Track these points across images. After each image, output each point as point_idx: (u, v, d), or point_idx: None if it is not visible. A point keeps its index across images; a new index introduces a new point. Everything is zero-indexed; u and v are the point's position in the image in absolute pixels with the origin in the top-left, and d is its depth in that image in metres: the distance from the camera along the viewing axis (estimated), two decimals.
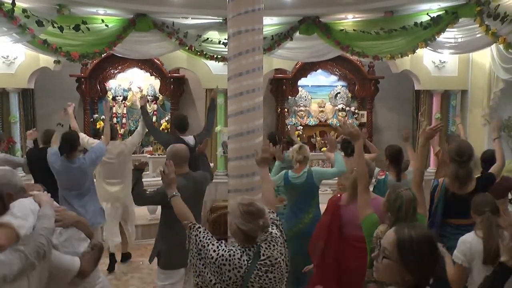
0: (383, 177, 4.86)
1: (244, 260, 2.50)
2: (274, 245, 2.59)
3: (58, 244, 2.54)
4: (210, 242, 2.59)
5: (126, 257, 6.52)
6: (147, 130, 6.19)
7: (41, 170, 5.72)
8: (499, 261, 2.64)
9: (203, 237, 2.63)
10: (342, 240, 3.81)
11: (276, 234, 2.67)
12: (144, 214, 7.32)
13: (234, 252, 2.52)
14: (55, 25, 6.61)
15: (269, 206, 2.96)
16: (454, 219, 3.90)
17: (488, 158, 4.93)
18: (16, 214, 2.28)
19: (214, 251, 2.54)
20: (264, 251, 2.55)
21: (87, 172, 4.95)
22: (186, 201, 3.85)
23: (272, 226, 2.73)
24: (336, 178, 5.59)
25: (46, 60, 7.37)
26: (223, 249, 2.54)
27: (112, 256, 6.12)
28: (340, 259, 3.79)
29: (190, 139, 5.60)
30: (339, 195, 4.08)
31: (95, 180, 5.41)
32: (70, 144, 4.78)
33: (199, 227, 2.71)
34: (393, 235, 1.78)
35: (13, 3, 6.03)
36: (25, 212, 2.33)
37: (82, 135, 5.88)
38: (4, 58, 7.33)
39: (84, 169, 4.87)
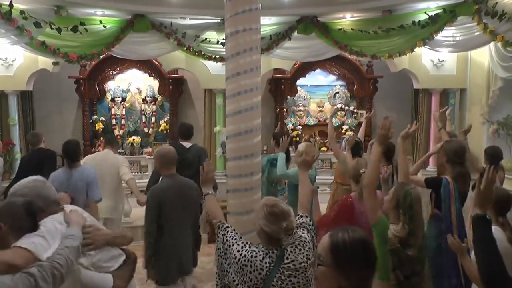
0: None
1: (266, 263, 2.46)
2: (300, 249, 2.55)
3: (90, 264, 2.47)
4: (235, 242, 2.58)
5: None
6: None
7: (31, 172, 5.71)
8: (476, 215, 2.40)
9: (230, 236, 2.62)
10: None
11: (305, 238, 2.63)
12: (143, 215, 7.30)
13: (256, 253, 2.50)
14: (53, 26, 6.61)
15: (303, 210, 2.94)
16: None
17: (492, 153, 5.06)
18: (44, 235, 2.20)
19: (238, 251, 2.53)
20: (289, 254, 2.51)
21: (83, 186, 4.61)
22: (170, 202, 3.90)
23: (303, 230, 2.69)
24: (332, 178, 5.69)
25: (44, 62, 7.37)
26: (247, 250, 2.52)
27: None
28: None
29: (187, 145, 5.62)
30: (350, 198, 3.95)
31: None
32: (70, 155, 4.66)
33: (228, 227, 2.70)
34: (327, 240, 1.72)
35: (11, 5, 6.02)
36: (53, 233, 2.23)
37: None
38: (3, 60, 7.33)
39: (86, 180, 4.62)
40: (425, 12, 6.93)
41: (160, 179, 4.30)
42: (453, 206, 3.91)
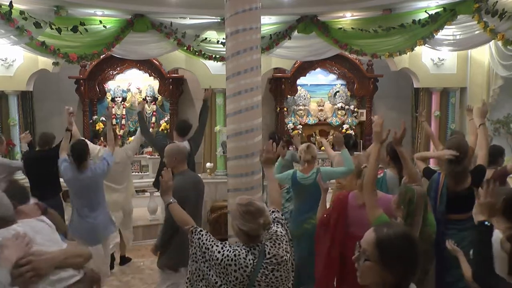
0: (381, 175, 4.85)
1: (249, 259, 2.50)
2: (279, 244, 2.59)
3: None
4: (214, 244, 2.59)
5: (125, 260, 6.49)
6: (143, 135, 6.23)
7: (37, 173, 5.71)
8: (479, 221, 2.63)
9: (206, 239, 2.62)
10: (348, 238, 3.75)
11: (281, 232, 2.67)
12: (144, 215, 7.33)
13: (239, 251, 2.52)
14: (53, 26, 6.59)
15: (274, 205, 2.96)
16: (454, 214, 3.98)
17: (493, 152, 5.01)
18: None
19: (219, 252, 2.53)
20: (270, 249, 2.55)
21: (98, 182, 4.89)
22: (189, 198, 3.95)
23: (277, 225, 2.73)
24: None
25: (44, 62, 7.37)
26: (228, 250, 2.54)
27: (111, 255, 6.06)
28: (345, 256, 3.73)
29: (185, 144, 5.64)
30: (346, 192, 4.00)
31: None
32: (80, 155, 4.69)
33: (201, 230, 2.71)
34: (372, 235, 1.74)
35: (11, 5, 6.01)
36: None
37: (90, 145, 5.79)
38: (3, 60, 7.32)
39: (95, 179, 4.81)
40: (425, 11, 6.92)
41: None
42: (441, 202, 3.94)
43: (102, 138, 8.27)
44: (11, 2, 6.01)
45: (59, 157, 5.02)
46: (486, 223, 2.60)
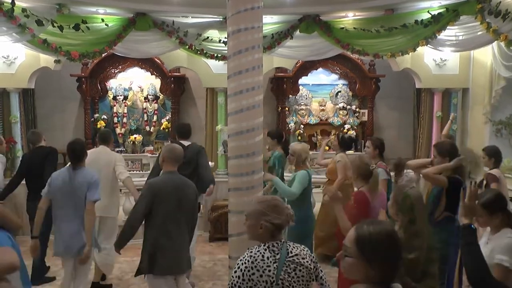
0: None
1: (267, 258, 2.47)
2: (299, 249, 2.58)
3: None
4: (232, 275, 2.50)
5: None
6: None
7: (31, 171, 5.72)
8: (461, 225, 2.69)
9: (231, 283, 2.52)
10: None
11: (304, 250, 2.66)
12: None
13: (255, 256, 2.47)
14: (55, 24, 6.61)
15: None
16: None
17: (490, 153, 5.15)
18: None
19: (236, 271, 2.47)
20: (292, 249, 2.55)
21: (84, 188, 4.36)
22: (165, 197, 3.85)
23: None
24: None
25: (46, 60, 7.37)
26: (243, 262, 2.47)
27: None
28: None
29: (185, 143, 5.61)
30: (362, 192, 3.96)
31: None
32: (75, 155, 4.46)
33: None
34: (353, 233, 1.81)
35: (13, 3, 6.03)
36: None
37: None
38: (5, 58, 7.33)
39: (89, 182, 4.36)
40: (428, 11, 6.91)
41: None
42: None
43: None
44: (13, 0, 6.01)
45: (52, 155, 4.96)
46: (472, 226, 2.64)
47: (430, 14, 6.88)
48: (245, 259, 2.48)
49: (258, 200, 2.68)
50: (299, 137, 8.96)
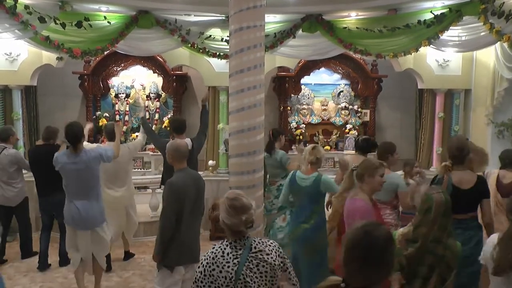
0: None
1: (228, 254, 2.50)
2: (267, 246, 2.58)
3: None
4: (196, 270, 2.58)
5: (128, 256, 6.50)
6: (148, 137, 6.32)
7: (40, 167, 5.75)
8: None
9: (194, 281, 2.58)
10: None
11: (275, 245, 2.65)
12: (146, 211, 7.32)
13: (215, 252, 2.53)
14: (57, 21, 6.61)
15: None
16: (456, 214, 3.84)
17: (508, 158, 5.10)
18: None
19: (199, 267, 2.54)
20: (256, 245, 2.55)
21: (93, 167, 4.80)
22: (188, 196, 3.96)
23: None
24: None
25: (48, 57, 7.37)
26: (205, 258, 2.54)
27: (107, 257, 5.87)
28: None
29: (187, 141, 5.61)
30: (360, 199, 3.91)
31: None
32: (74, 136, 4.72)
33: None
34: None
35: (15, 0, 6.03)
36: None
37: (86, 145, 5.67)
38: (7, 55, 7.34)
39: (89, 163, 4.74)
40: (431, 11, 6.88)
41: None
42: None
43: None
44: None
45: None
46: None
47: (433, 14, 6.85)
48: (207, 255, 2.55)
49: (226, 195, 2.66)
50: (301, 137, 8.95)
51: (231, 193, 2.65)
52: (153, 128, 8.88)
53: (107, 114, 8.77)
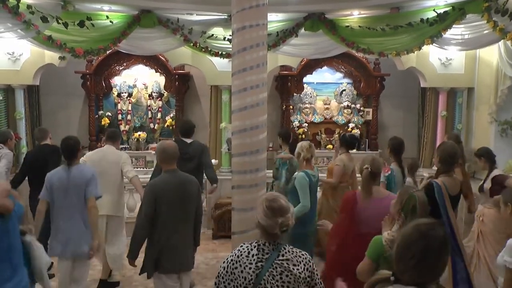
0: (389, 172, 4.85)
1: (252, 256, 2.46)
2: (297, 256, 2.51)
3: None
4: (222, 264, 2.55)
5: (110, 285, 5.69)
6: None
7: (34, 171, 5.70)
8: None
9: (218, 276, 2.56)
10: (360, 238, 3.59)
11: (306, 256, 2.58)
12: None
13: (241, 251, 2.50)
14: (59, 21, 6.62)
15: None
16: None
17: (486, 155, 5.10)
18: None
19: (224, 262, 2.52)
20: (286, 252, 2.49)
21: (88, 184, 4.32)
22: (167, 198, 3.83)
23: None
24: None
25: (51, 56, 7.39)
26: (231, 255, 2.52)
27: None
28: (359, 257, 3.65)
29: (187, 141, 5.61)
30: (353, 192, 3.97)
31: None
32: (70, 150, 4.41)
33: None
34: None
35: None
36: None
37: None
38: (10, 54, 7.36)
39: (85, 179, 4.31)
40: (434, 10, 6.86)
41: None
42: (450, 210, 3.85)
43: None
44: None
45: (55, 154, 4.99)
46: None
47: (436, 12, 6.83)
48: (234, 252, 2.53)
49: (265, 196, 2.63)
50: (303, 136, 8.94)
51: (270, 195, 2.60)
52: (155, 127, 8.91)
53: (109, 113, 8.78)
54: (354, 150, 6.47)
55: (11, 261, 2.99)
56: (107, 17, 7.00)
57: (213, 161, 7.97)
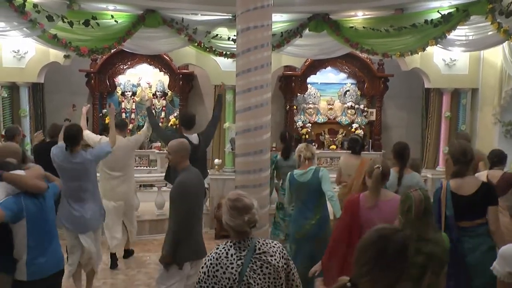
0: None
1: (231, 255, 2.48)
2: (271, 247, 2.55)
3: None
4: (200, 270, 2.57)
5: (128, 253, 6.46)
6: (152, 129, 6.21)
7: (46, 164, 5.75)
8: None
9: (198, 281, 2.56)
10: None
11: (278, 246, 2.61)
12: (151, 209, 7.35)
13: (219, 253, 2.50)
14: (65, 20, 6.65)
15: None
16: (460, 221, 3.75)
17: (496, 157, 5.02)
18: None
19: (202, 267, 2.52)
20: (260, 246, 2.53)
21: (89, 168, 4.75)
22: (196, 195, 3.98)
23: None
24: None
25: (56, 54, 7.42)
26: (209, 259, 2.52)
27: (113, 255, 6.05)
28: None
29: (194, 137, 5.64)
30: (357, 194, 3.92)
31: (98, 177, 5.25)
32: (72, 138, 4.62)
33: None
34: None
35: None
36: None
37: (89, 134, 5.83)
38: (15, 52, 7.39)
39: (86, 164, 4.68)
40: (438, 11, 6.85)
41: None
42: (446, 210, 3.75)
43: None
44: None
45: None
46: None
47: (440, 14, 6.82)
48: (211, 256, 2.53)
49: (228, 196, 2.63)
50: (307, 136, 8.95)
51: (232, 194, 2.62)
52: (159, 125, 8.93)
53: (105, 110, 8.80)
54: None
55: (50, 238, 3.52)
56: (112, 16, 7.02)
57: (216, 160, 8.03)
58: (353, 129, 9.02)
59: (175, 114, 8.92)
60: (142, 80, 9.04)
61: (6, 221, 3.15)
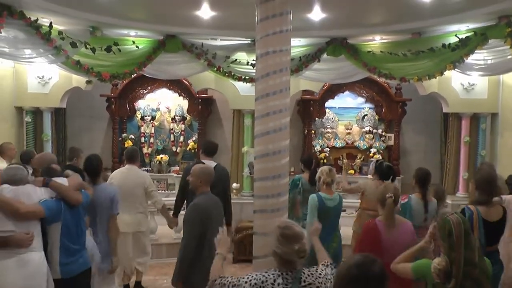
0: (405, 200, 4.78)
1: (278, 284, 2.43)
2: (317, 277, 2.52)
3: None
4: (240, 278, 2.56)
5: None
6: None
7: None
8: None
9: (231, 278, 2.60)
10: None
11: (325, 274, 2.61)
12: (168, 233, 7.34)
13: (267, 277, 2.47)
14: (88, 46, 6.80)
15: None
16: (487, 247, 3.81)
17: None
18: None
19: (246, 282, 2.49)
20: (306, 278, 2.49)
21: (109, 200, 4.56)
22: (212, 219, 3.94)
23: (326, 268, 2.68)
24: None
25: (78, 80, 7.59)
26: (255, 278, 2.49)
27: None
28: None
29: (212, 164, 5.63)
30: (373, 221, 3.88)
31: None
32: (93, 168, 4.59)
33: (222, 276, 2.70)
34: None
35: (50, 26, 6.25)
36: None
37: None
38: (40, 78, 7.60)
39: (108, 195, 4.54)
40: (456, 35, 6.82)
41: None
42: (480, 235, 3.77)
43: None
44: (51, 23, 6.25)
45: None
46: None
47: (458, 38, 6.79)
48: (257, 276, 2.49)
49: (278, 223, 2.62)
50: (325, 160, 8.92)
51: (282, 222, 2.61)
52: (177, 150, 9.00)
53: (132, 136, 8.92)
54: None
55: (79, 241, 3.89)
56: (133, 42, 7.17)
57: (234, 185, 8.03)
58: (371, 154, 8.96)
59: (194, 138, 8.99)
60: (161, 104, 9.15)
61: (45, 219, 3.56)
